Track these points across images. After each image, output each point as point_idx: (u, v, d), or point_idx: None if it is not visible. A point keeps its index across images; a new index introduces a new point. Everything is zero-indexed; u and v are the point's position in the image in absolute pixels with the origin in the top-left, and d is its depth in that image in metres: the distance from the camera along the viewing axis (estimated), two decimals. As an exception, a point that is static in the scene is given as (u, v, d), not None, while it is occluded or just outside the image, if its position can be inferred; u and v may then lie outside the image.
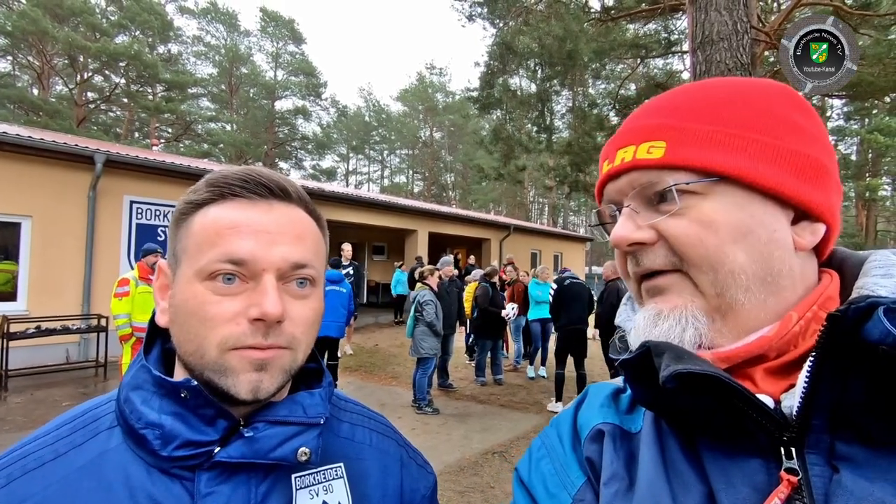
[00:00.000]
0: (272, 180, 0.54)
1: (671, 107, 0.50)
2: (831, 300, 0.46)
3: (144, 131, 31.13)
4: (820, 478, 0.38)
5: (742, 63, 3.71)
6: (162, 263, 0.56)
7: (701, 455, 0.44)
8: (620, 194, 0.50)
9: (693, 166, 0.46)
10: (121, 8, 26.81)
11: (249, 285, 0.51)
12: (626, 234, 0.48)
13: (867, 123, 22.00)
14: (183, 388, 0.49)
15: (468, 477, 4.20)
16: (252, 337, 0.50)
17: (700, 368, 0.40)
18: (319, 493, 0.55)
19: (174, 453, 0.48)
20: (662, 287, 0.48)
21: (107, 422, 0.52)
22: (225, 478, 0.50)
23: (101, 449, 0.50)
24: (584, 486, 0.51)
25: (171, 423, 0.49)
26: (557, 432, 0.57)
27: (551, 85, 11.01)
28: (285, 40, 37.37)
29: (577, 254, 23.59)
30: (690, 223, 0.45)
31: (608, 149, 0.53)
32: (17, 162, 6.99)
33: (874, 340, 0.35)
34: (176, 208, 0.56)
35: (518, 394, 7.00)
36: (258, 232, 0.51)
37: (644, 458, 0.47)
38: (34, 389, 6.16)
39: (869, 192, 23.60)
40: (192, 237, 0.52)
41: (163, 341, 0.59)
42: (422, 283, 6.42)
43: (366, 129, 46.78)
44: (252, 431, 0.50)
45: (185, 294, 0.51)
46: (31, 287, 7.20)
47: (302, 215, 0.56)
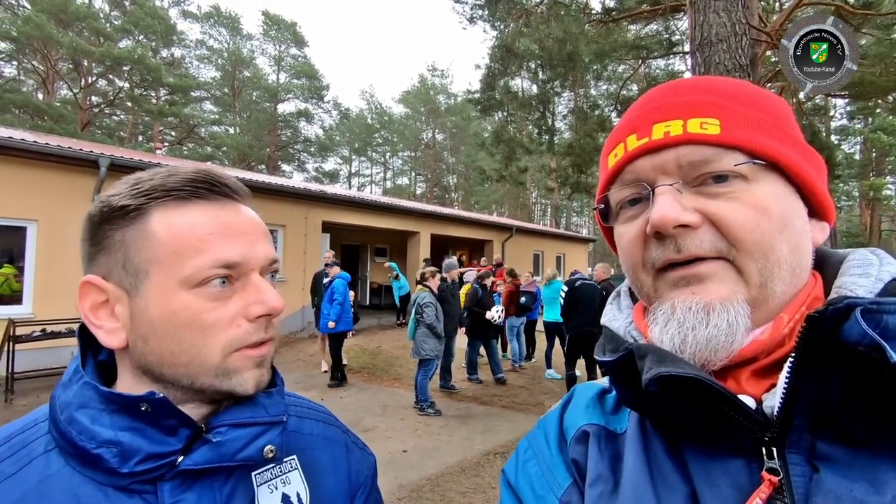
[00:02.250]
0: (231, 181, 0.54)
1: (713, 88, 0.48)
2: (818, 300, 0.45)
3: (148, 135, 31.25)
4: (801, 477, 0.38)
5: (741, 64, 3.72)
6: (95, 279, 0.51)
7: (685, 456, 0.44)
8: (658, 171, 0.46)
9: (748, 148, 0.44)
10: (124, 13, 26.97)
11: (237, 286, 0.51)
12: (676, 214, 0.43)
13: (870, 123, 21.90)
14: (144, 402, 0.47)
15: (470, 478, 4.21)
16: (255, 334, 0.51)
17: (682, 371, 0.40)
18: (278, 487, 0.56)
19: (135, 468, 0.46)
20: (704, 275, 0.44)
21: (40, 446, 0.49)
22: (188, 485, 0.49)
23: (39, 476, 0.46)
24: (571, 488, 0.50)
25: (129, 438, 0.47)
26: (544, 433, 0.57)
27: (552, 86, 11.03)
28: (288, 43, 37.48)
29: (580, 255, 23.54)
30: (746, 207, 0.43)
31: (638, 122, 0.49)
32: (22, 166, 7.05)
33: (852, 341, 0.35)
34: (103, 211, 0.50)
35: (520, 395, 7.00)
36: (241, 234, 0.51)
37: (628, 460, 0.47)
38: (40, 392, 6.21)
39: (873, 192, 23.45)
40: (163, 245, 0.49)
41: (93, 353, 0.56)
42: (422, 285, 6.45)
43: (368, 132, 46.84)
44: (218, 436, 0.49)
45: (170, 306, 0.48)
46: (37, 290, 7.26)
47: (255, 213, 0.57)
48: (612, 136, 0.52)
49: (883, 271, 0.43)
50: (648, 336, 0.47)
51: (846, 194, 27.62)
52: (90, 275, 0.52)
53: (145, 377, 0.51)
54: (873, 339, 0.34)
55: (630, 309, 0.55)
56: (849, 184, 26.46)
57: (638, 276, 0.49)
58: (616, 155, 0.50)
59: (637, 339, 0.51)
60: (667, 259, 0.45)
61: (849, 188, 27.14)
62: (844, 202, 28.55)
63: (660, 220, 0.43)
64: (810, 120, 14.60)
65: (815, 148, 0.49)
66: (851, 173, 24.93)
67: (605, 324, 0.55)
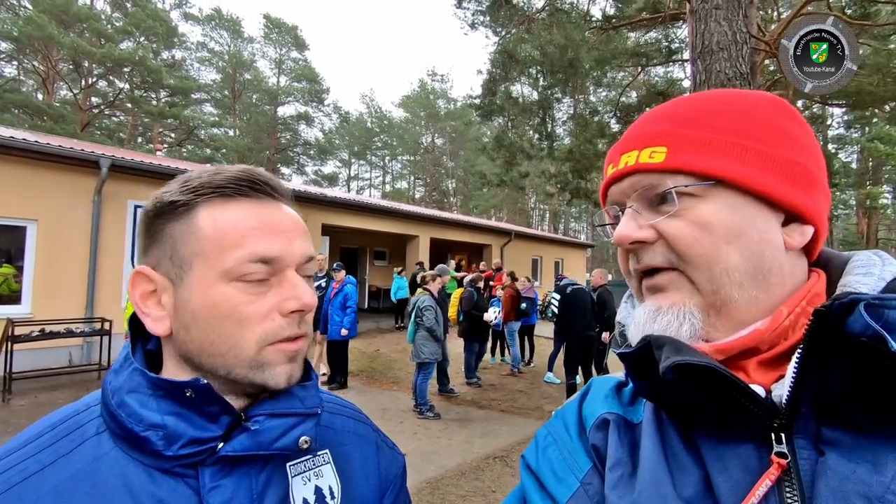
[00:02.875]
0: (273, 180, 0.57)
1: (671, 115, 0.53)
2: (819, 296, 0.49)
3: (148, 136, 31.23)
4: (807, 460, 0.41)
5: (741, 73, 3.76)
6: (146, 269, 0.54)
7: (697, 442, 0.47)
8: (623, 196, 0.53)
9: (692, 170, 0.48)
10: (126, 14, 27.03)
11: (273, 281, 0.53)
12: (629, 232, 0.51)
13: (867, 132, 22.05)
14: (189, 388, 0.50)
15: (469, 481, 4.21)
16: (288, 329, 0.53)
17: (697, 360, 0.43)
18: (311, 479, 0.58)
19: (179, 452, 0.49)
20: (661, 285, 0.51)
21: (92, 428, 0.52)
22: (227, 471, 0.51)
23: (92, 456, 0.49)
24: (591, 471, 0.53)
25: (174, 423, 0.49)
26: (563, 422, 0.60)
27: (553, 93, 11.09)
28: (288, 47, 37.61)
29: (578, 260, 23.59)
30: (688, 224, 0.48)
31: (613, 154, 0.56)
32: (23, 166, 7.05)
33: (856, 333, 0.38)
34: (156, 207, 0.54)
35: (519, 399, 7.01)
36: (280, 231, 0.54)
37: (645, 447, 0.50)
38: (38, 392, 6.19)
39: (870, 201, 23.58)
40: (207, 240, 0.51)
41: (143, 343, 0.60)
42: (422, 288, 6.46)
43: (368, 135, 46.95)
44: (256, 424, 0.52)
45: (211, 298, 0.51)
46: (36, 290, 7.25)
47: (296, 212, 0.59)
48: (605, 161, 0.59)
49: (885, 271, 0.46)
50: None
51: (843, 203, 27.74)
52: (141, 265, 0.55)
53: (186, 365, 0.54)
54: (876, 330, 0.37)
55: None
56: (846, 192, 26.58)
57: (629, 281, 0.56)
58: (603, 180, 0.58)
59: None
60: (634, 269, 0.53)
61: (846, 197, 27.27)
62: (841, 211, 28.67)
63: (617, 238, 0.52)
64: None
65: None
66: (848, 182, 25.04)
67: (619, 321, 0.60)
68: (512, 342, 8.73)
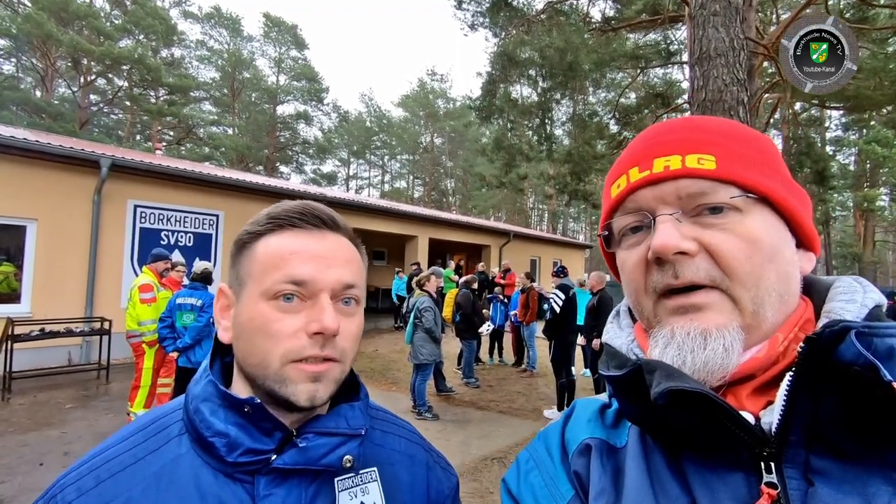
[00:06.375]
0: (325, 213, 0.62)
1: (709, 127, 0.52)
2: (809, 322, 0.49)
3: (146, 134, 31.16)
4: (797, 491, 0.40)
5: (738, 79, 3.79)
6: (223, 287, 0.63)
7: (685, 469, 0.46)
8: (659, 201, 0.49)
9: (741, 182, 0.47)
10: (125, 12, 26.95)
11: (307, 304, 0.57)
12: (675, 242, 0.46)
13: (865, 134, 22.14)
14: (247, 405, 0.55)
15: (468, 482, 4.24)
16: (311, 349, 0.56)
17: (690, 386, 0.42)
18: (357, 495, 0.61)
19: (238, 459, 0.55)
20: (701, 305, 0.47)
21: (175, 429, 0.59)
22: (279, 482, 0.56)
23: (173, 454, 0.56)
24: (573, 499, 0.52)
25: (235, 432, 0.55)
26: (546, 445, 0.59)
27: (552, 94, 11.12)
28: (288, 45, 37.55)
29: (577, 261, 23.62)
30: (738, 238, 0.46)
31: (639, 155, 0.52)
32: (23, 165, 7.06)
33: (847, 361, 0.37)
34: (238, 237, 0.62)
35: (517, 400, 7.03)
36: (316, 257, 0.58)
37: (630, 473, 0.49)
38: (37, 391, 6.20)
39: (867, 203, 23.68)
40: (258, 263, 0.58)
41: (222, 355, 0.66)
42: (420, 289, 6.47)
43: (367, 135, 46.89)
44: (304, 441, 0.57)
45: (251, 313, 0.57)
46: (36, 289, 7.26)
47: (348, 244, 0.64)
48: (615, 169, 0.56)
49: (867, 298, 0.47)
50: (649, 356, 0.50)
51: (840, 205, 27.85)
52: (222, 284, 0.63)
53: (242, 375, 0.60)
54: (868, 359, 0.36)
55: (630, 328, 0.58)
56: (843, 194, 26.71)
57: (640, 300, 0.52)
58: (619, 185, 0.53)
59: (640, 356, 0.53)
60: (666, 284, 0.48)
61: (843, 199, 27.39)
62: (839, 212, 28.78)
63: (661, 246, 0.47)
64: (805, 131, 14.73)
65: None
66: (846, 184, 25.18)
67: (606, 341, 0.58)
68: (531, 344, 8.76)
